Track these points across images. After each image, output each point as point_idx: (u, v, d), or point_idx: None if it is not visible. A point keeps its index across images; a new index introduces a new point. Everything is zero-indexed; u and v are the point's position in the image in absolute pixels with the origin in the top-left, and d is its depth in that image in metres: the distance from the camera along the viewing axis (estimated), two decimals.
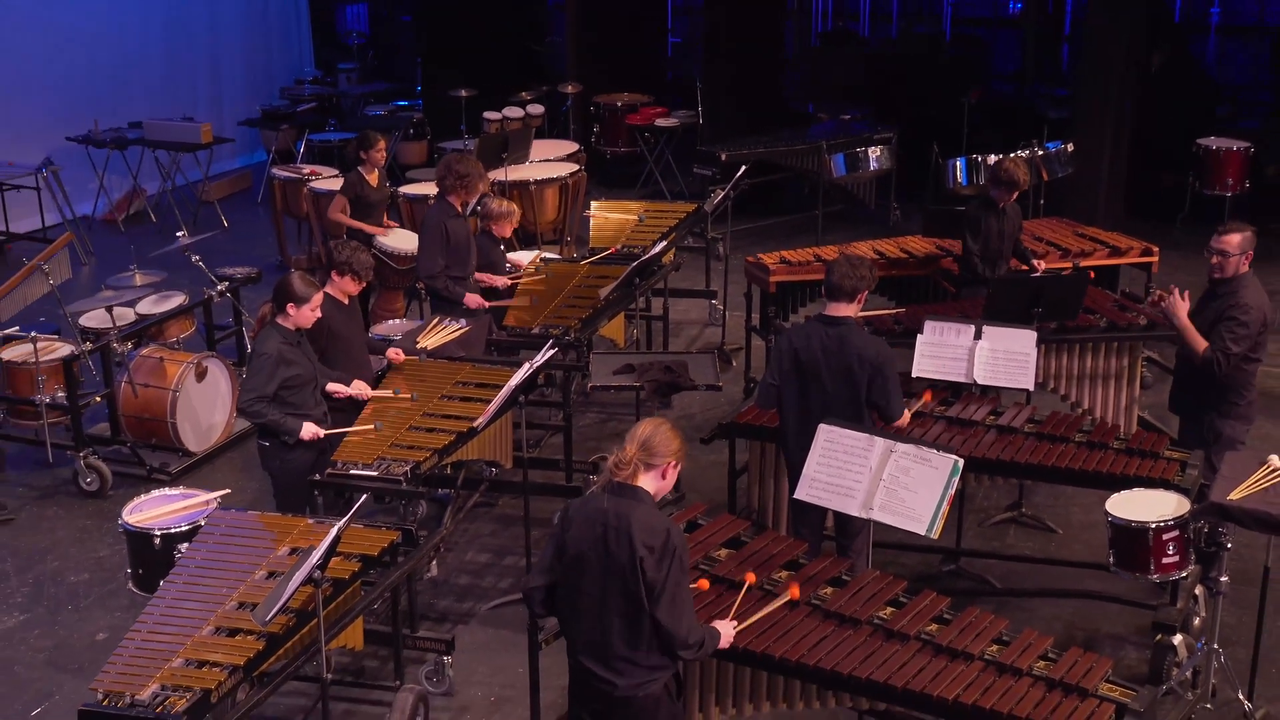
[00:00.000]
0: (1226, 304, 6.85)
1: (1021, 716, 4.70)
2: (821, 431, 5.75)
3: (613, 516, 4.56)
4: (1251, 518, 5.69)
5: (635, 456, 4.60)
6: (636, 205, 10.72)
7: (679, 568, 4.54)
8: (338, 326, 7.25)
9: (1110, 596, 6.96)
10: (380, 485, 6.45)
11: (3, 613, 7.28)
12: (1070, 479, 6.67)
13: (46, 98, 13.90)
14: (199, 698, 4.86)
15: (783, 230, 13.20)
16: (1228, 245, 6.90)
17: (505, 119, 14.32)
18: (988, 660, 5.00)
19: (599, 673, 4.65)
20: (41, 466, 8.76)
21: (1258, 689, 6.30)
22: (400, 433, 6.86)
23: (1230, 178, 12.79)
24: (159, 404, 8.60)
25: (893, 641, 5.13)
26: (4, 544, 7.96)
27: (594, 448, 8.94)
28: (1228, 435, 6.92)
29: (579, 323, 8.36)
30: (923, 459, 5.50)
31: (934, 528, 5.40)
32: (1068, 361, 8.16)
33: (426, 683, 6.50)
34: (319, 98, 16.14)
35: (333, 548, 5.09)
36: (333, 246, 7.30)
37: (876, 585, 5.50)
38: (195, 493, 6.44)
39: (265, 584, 5.52)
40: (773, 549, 5.76)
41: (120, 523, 6.22)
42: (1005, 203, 8.76)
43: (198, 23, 15.91)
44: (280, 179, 12.38)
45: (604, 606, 4.60)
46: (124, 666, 5.04)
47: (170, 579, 5.63)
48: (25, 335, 8.51)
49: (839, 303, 6.21)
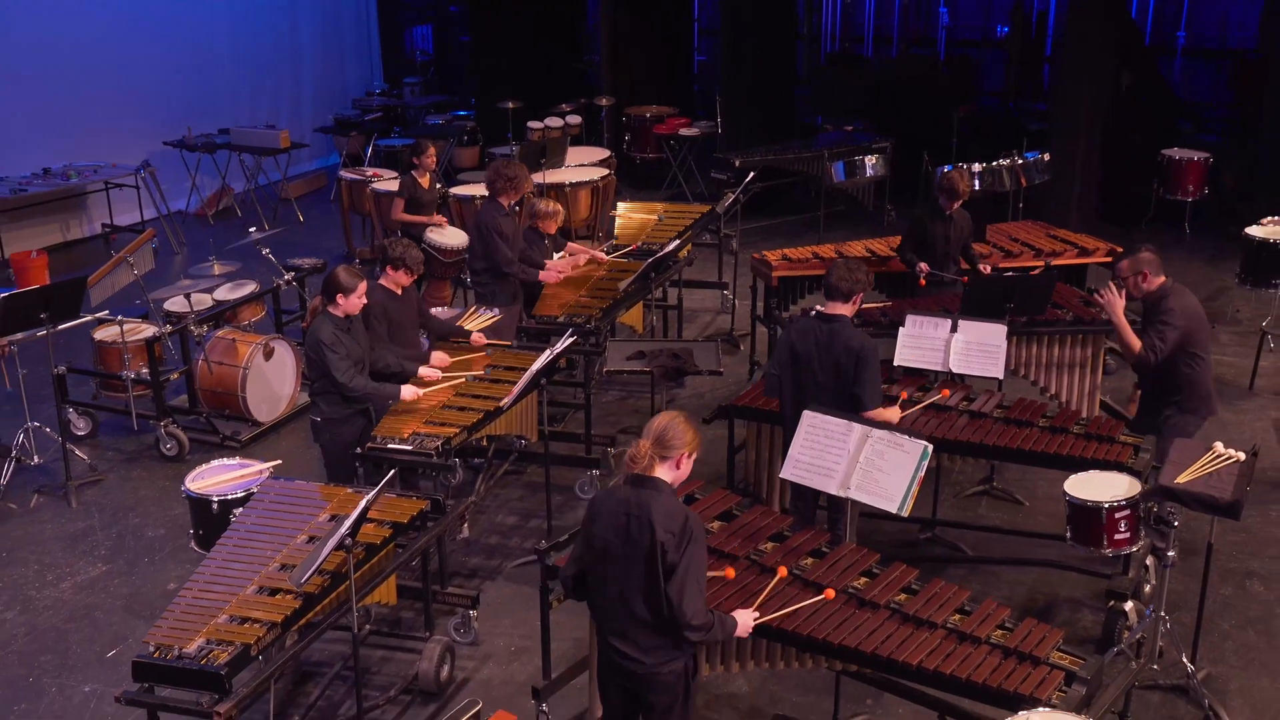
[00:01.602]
0: (1158, 311, 6.59)
1: (979, 682, 4.50)
2: (805, 417, 5.55)
3: (634, 506, 4.35)
4: (1195, 500, 5.45)
5: (650, 450, 4.39)
6: (658, 206, 10.52)
7: (695, 550, 4.31)
8: (392, 313, 7.12)
9: (1069, 565, 6.73)
10: (413, 458, 6.30)
11: (88, 562, 7.19)
12: (1034, 460, 6.44)
13: (146, 107, 13.81)
14: (239, 651, 4.73)
15: (789, 229, 12.95)
16: (1120, 270, 6.69)
17: (547, 128, 14.13)
18: (950, 629, 4.79)
19: (628, 651, 4.43)
20: (128, 434, 8.67)
21: (1201, 652, 6.07)
22: (434, 411, 6.70)
23: (1191, 185, 12.50)
24: (231, 380, 8.49)
25: (864, 610, 4.93)
26: (94, 501, 7.88)
27: (614, 422, 8.78)
28: (1179, 425, 6.65)
29: (600, 312, 8.17)
30: (896, 443, 5.29)
31: (905, 506, 5.20)
32: (1037, 351, 7.93)
33: (454, 633, 6.35)
34: (385, 108, 16.01)
35: (362, 517, 4.94)
36: (387, 244, 7.14)
37: (852, 557, 5.30)
38: (251, 463, 6.30)
39: (305, 548, 5.38)
40: (760, 522, 5.57)
41: (184, 489, 6.10)
42: (950, 209, 8.52)
43: (281, 42, 15.79)
44: (347, 180, 12.27)
45: (629, 591, 4.38)
46: (175, 621, 4.91)
47: (222, 541, 5.51)
48: (114, 318, 8.41)
49: (835, 302, 6.00)
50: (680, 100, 15.47)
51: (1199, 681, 5.81)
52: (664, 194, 14.12)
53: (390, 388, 6.60)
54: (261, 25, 15.43)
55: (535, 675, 5.80)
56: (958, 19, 17.77)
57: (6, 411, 8.43)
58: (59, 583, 6.99)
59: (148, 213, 13.16)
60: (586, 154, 12.90)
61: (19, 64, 12.41)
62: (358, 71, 17.23)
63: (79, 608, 6.75)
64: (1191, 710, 5.78)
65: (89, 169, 12.76)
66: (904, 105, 14.77)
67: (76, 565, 7.16)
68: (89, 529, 7.54)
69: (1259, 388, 9.25)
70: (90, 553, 7.29)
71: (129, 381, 8.40)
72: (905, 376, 7.22)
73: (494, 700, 5.92)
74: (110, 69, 13.35)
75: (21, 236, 12.54)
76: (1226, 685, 5.98)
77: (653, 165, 14.77)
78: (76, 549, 7.32)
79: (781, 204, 13.42)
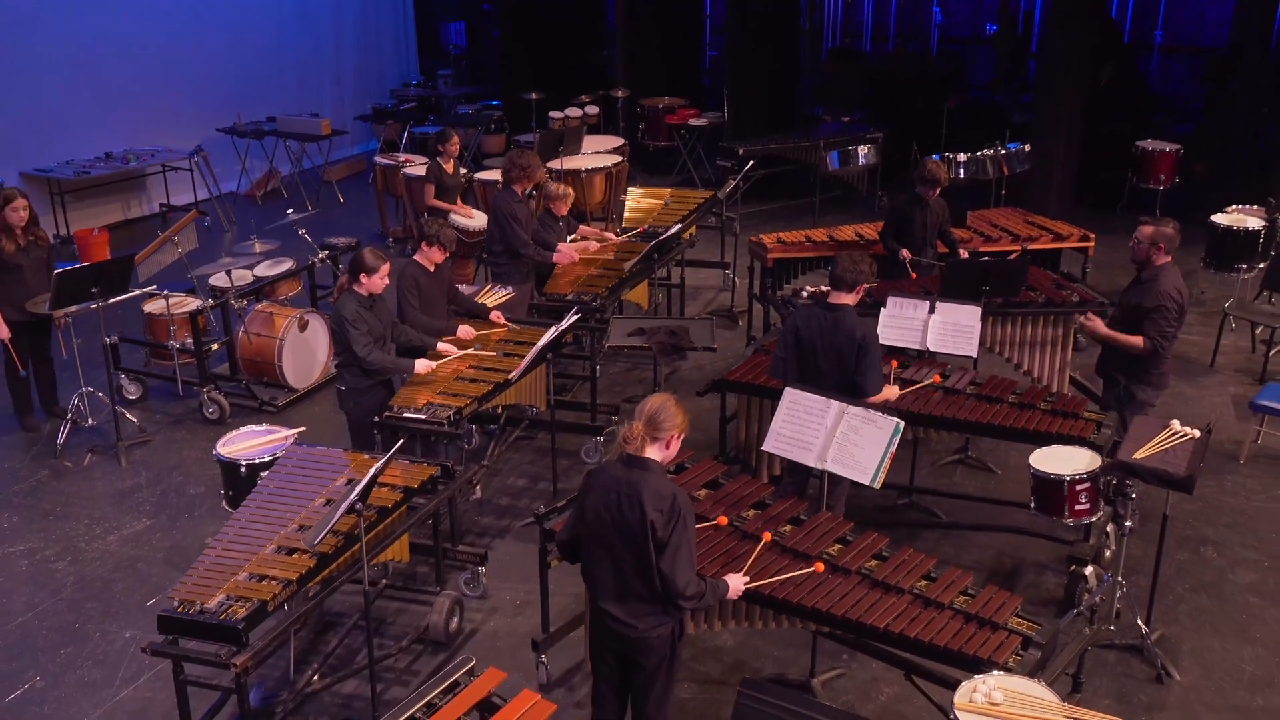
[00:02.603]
0: (1149, 292, 6.39)
1: (940, 645, 4.39)
2: (786, 394, 5.42)
3: (625, 485, 4.23)
4: (1151, 474, 5.31)
5: (642, 431, 4.27)
6: (665, 192, 10.35)
7: (683, 527, 4.19)
8: (425, 287, 7.05)
9: (1036, 532, 6.58)
10: (426, 427, 6.20)
11: (134, 517, 7.15)
12: (1003, 435, 6.31)
13: (200, 96, 13.68)
14: (256, 607, 4.65)
15: (788, 213, 12.75)
16: (1140, 234, 6.47)
17: (566, 117, 13.95)
18: (916, 594, 4.68)
19: (621, 617, 4.32)
20: (174, 398, 8.61)
21: (1156, 614, 5.95)
22: (449, 382, 6.60)
23: (1163, 174, 12.22)
24: (268, 350, 8.41)
25: (837, 575, 4.82)
26: (142, 460, 7.83)
27: (620, 392, 8.67)
28: (1141, 399, 6.49)
29: (606, 290, 8.04)
30: (870, 420, 5.15)
31: (877, 479, 5.07)
32: (1011, 330, 7.76)
33: (464, 588, 6.29)
34: (420, 98, 15.83)
35: (371, 483, 4.84)
36: (423, 223, 7.06)
37: (828, 525, 5.18)
38: (278, 429, 6.20)
39: (322, 510, 5.29)
40: (744, 491, 5.46)
41: (215, 453, 6.02)
42: (929, 197, 8.34)
43: (324, 36, 15.61)
44: (382, 165, 12.13)
45: (620, 561, 4.28)
46: (199, 578, 4.83)
47: (247, 503, 5.42)
48: (160, 293, 8.34)
49: (840, 292, 5.80)
50: (691, 92, 15.24)
51: (1152, 642, 5.68)
52: (674, 179, 13.94)
53: (405, 362, 6.50)
54: (307, 21, 15.26)
55: (538, 628, 5.72)
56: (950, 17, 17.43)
57: (64, 378, 8.37)
58: (106, 535, 6.95)
59: (200, 194, 13.08)
60: (602, 142, 12.72)
61: (84, 58, 12.32)
62: (395, 64, 17.05)
63: (124, 559, 6.71)
64: (1145, 669, 5.65)
65: (147, 153, 12.67)
66: (898, 98, 14.50)
67: (123, 520, 7.12)
68: (136, 486, 7.50)
69: (1219, 365, 9.06)
70: (136, 508, 7.24)
71: (174, 351, 8.34)
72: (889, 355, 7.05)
73: (499, 650, 5.87)
74: (167, 62, 13.24)
75: (86, 215, 12.48)
76: (1179, 645, 5.85)
77: (665, 152, 14.57)
78: (124, 504, 7.28)
79: (782, 189, 13.21)
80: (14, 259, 7.64)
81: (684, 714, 5.38)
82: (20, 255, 7.67)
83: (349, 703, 5.54)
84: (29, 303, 7.68)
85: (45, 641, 6.00)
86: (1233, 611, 6.12)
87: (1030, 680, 4.07)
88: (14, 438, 8.15)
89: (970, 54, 16.76)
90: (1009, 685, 4.02)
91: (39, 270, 7.76)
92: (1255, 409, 7.53)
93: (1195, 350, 9.29)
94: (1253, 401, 7.57)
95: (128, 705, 5.53)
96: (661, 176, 14.17)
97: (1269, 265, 9.13)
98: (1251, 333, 9.36)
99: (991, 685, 4.00)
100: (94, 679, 5.71)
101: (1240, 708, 5.42)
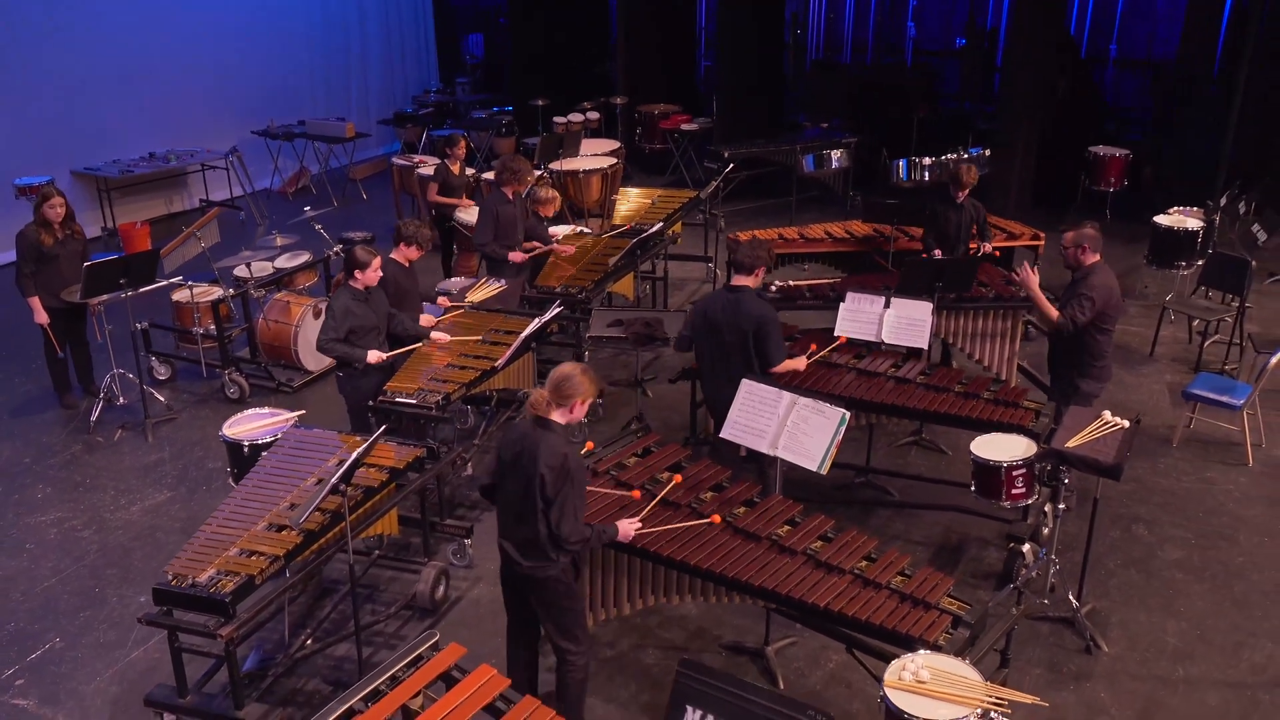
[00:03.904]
0: (1080, 284, 6.17)
1: (875, 623, 4.21)
2: (743, 385, 5.23)
3: (528, 441, 4.23)
4: (1081, 462, 5.11)
5: (549, 397, 4.23)
6: (654, 192, 10.13)
7: (570, 485, 4.18)
8: (401, 282, 6.82)
9: (981, 511, 6.36)
10: (416, 411, 6.03)
11: (156, 490, 7.00)
12: (949, 422, 6.08)
13: (236, 101, 13.49)
14: (244, 581, 4.49)
15: (769, 211, 12.50)
16: (1065, 239, 6.27)
17: (569, 122, 13.69)
18: (855, 574, 4.50)
19: (511, 554, 4.37)
20: (199, 379, 8.46)
21: (1088, 588, 5.78)
22: (438, 369, 6.42)
23: (1113, 177, 11.93)
24: (285, 335, 8.25)
25: (784, 555, 4.64)
26: (168, 436, 7.68)
27: (606, 375, 8.48)
28: (1085, 391, 6.27)
29: (592, 284, 7.84)
30: (818, 410, 4.96)
31: (824, 465, 4.88)
32: (964, 322, 7.53)
33: (452, 558, 6.13)
34: (438, 104, 15.58)
35: (354, 466, 4.67)
36: (401, 224, 6.83)
37: (779, 507, 4.99)
38: (280, 412, 6.03)
39: (312, 489, 5.13)
40: (703, 474, 5.26)
41: (221, 434, 5.86)
42: (960, 198, 8.15)
43: (351, 46, 15.37)
44: (398, 165, 11.92)
45: (518, 505, 4.29)
46: (193, 553, 4.68)
47: (244, 481, 5.26)
48: (185, 283, 8.18)
49: (740, 275, 5.71)
50: (686, 99, 14.98)
51: (1083, 615, 5.50)
52: (667, 179, 13.70)
53: (357, 352, 6.15)
54: (335, 33, 15.01)
55: None
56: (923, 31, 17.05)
57: (98, 361, 8.23)
58: (130, 506, 6.82)
59: (235, 190, 12.90)
60: (599, 145, 12.46)
61: (129, 66, 12.14)
62: (417, 72, 16.79)
63: (144, 529, 6.57)
64: (1075, 640, 5.48)
65: (187, 153, 12.49)
66: (873, 106, 14.20)
67: (146, 492, 6.98)
68: (160, 460, 7.35)
69: (1158, 354, 8.82)
70: (159, 481, 7.10)
71: (198, 336, 8.18)
72: (805, 336, 6.83)
73: (481, 616, 5.71)
74: (206, 69, 13.04)
75: (132, 209, 12.31)
76: (1108, 618, 5.66)
77: (660, 154, 14.31)
78: (148, 477, 7.14)
79: (766, 189, 12.95)
80: (52, 251, 7.49)
81: (647, 678, 5.22)
82: (58, 247, 7.52)
83: (340, 665, 5.39)
84: (64, 291, 7.54)
85: (67, 605, 5.87)
86: (1160, 586, 5.93)
87: (957, 659, 3.88)
88: (54, 414, 8.01)
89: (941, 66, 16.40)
90: (936, 664, 3.84)
91: (74, 261, 7.60)
92: (1188, 397, 7.30)
93: (1136, 340, 9.06)
94: (1185, 390, 7.34)
95: (137, 665, 5.40)
96: (657, 176, 13.93)
97: (1206, 263, 8.88)
98: (1188, 325, 9.12)
99: (920, 664, 3.82)
100: (108, 640, 5.57)
101: (1162, 678, 5.24)
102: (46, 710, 5.11)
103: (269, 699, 5.07)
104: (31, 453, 7.46)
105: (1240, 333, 8.51)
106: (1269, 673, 5.26)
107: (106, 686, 5.25)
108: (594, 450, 5.50)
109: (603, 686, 5.16)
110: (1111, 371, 6.37)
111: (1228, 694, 5.12)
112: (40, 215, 7.44)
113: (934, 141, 12.69)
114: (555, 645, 4.53)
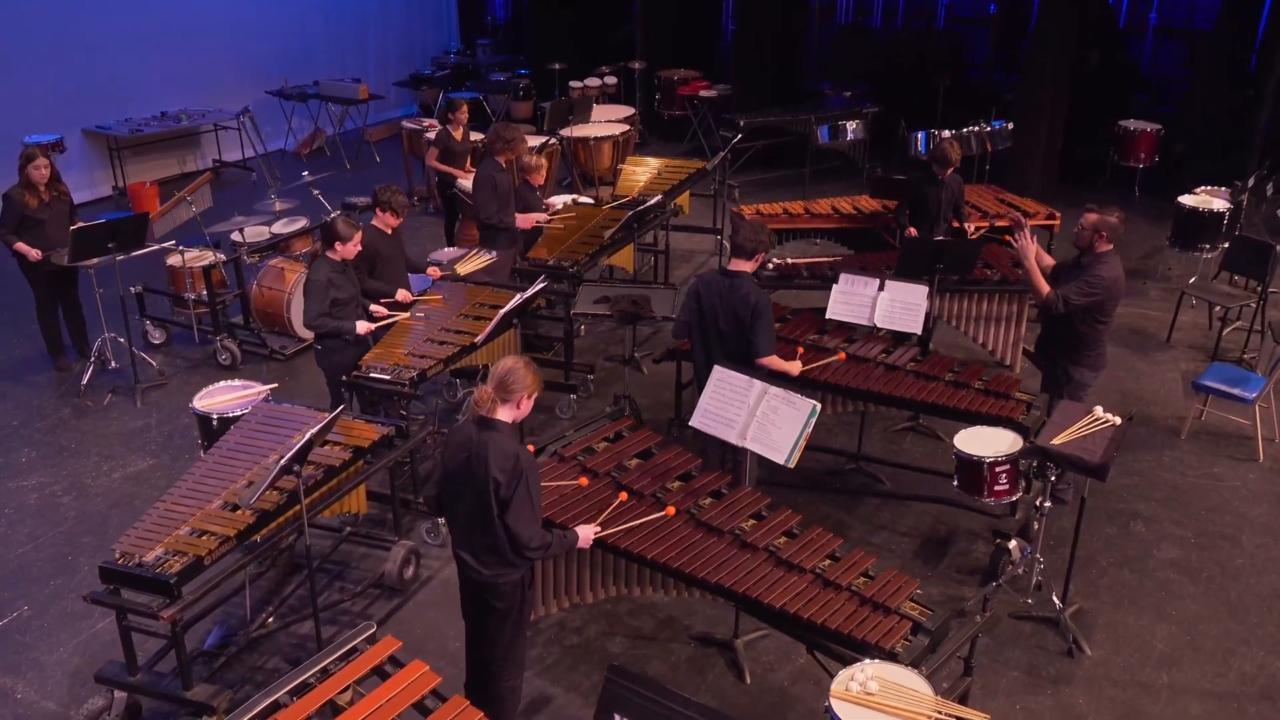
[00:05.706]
0: (1086, 270, 5.88)
1: (831, 627, 4.04)
2: (715, 372, 5.03)
3: (476, 445, 3.99)
4: (1065, 460, 4.89)
5: (492, 394, 4.00)
6: (657, 162, 9.85)
7: (524, 487, 3.95)
8: (383, 250, 6.68)
9: (968, 505, 6.14)
10: (390, 387, 5.90)
11: (140, 456, 6.95)
12: (937, 412, 5.87)
13: (253, 60, 13.36)
14: (191, 562, 4.38)
15: (784, 181, 12.21)
16: (1085, 220, 5.93)
17: (585, 87, 13.44)
18: (817, 574, 4.32)
19: (471, 563, 4.14)
20: (193, 345, 8.40)
21: (1078, 587, 5.58)
22: (417, 344, 6.28)
23: (1143, 153, 11.54)
24: (278, 302, 8.15)
25: (745, 551, 4.47)
26: (157, 401, 7.63)
27: (601, 350, 8.32)
28: (1077, 380, 6.01)
29: (586, 257, 7.64)
30: (788, 401, 4.75)
31: (791, 458, 4.68)
32: (967, 305, 7.31)
33: (426, 537, 6.03)
34: (456, 66, 15.35)
35: (307, 447, 4.54)
36: (378, 190, 6.67)
37: (747, 499, 4.81)
38: (253, 384, 5.92)
39: (271, 467, 5.01)
40: (673, 462, 5.09)
41: (191, 406, 5.76)
42: (943, 176, 7.84)
43: (370, 6, 15.16)
44: (408, 129, 11.75)
45: (471, 513, 4.07)
46: (144, 531, 4.57)
47: (204, 458, 5.16)
48: (176, 248, 8.09)
49: (738, 259, 5.44)
50: (706, 65, 14.64)
51: (1067, 616, 5.29)
52: (685, 146, 13.44)
53: (348, 324, 6.07)
54: None
55: None
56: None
57: (92, 325, 8.18)
58: (112, 473, 6.77)
59: (248, 151, 12.81)
60: (613, 111, 12.22)
61: (143, 24, 12.03)
62: (437, 34, 16.55)
63: (123, 496, 6.53)
64: (1058, 642, 5.27)
65: (199, 113, 12.39)
66: (898, 75, 13.78)
67: (129, 458, 6.93)
68: (145, 426, 7.30)
69: (1175, 340, 8.49)
70: (143, 448, 7.05)
71: (190, 301, 8.10)
72: (795, 317, 6.61)
73: (450, 598, 5.58)
74: (220, 28, 12.90)
75: (144, 169, 12.27)
76: (1095, 619, 5.44)
77: (678, 121, 14.03)
78: (132, 444, 7.09)
79: (785, 159, 12.64)
80: (37, 213, 7.42)
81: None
82: (43, 210, 7.44)
83: (303, 644, 5.31)
84: (51, 254, 7.47)
85: (39, 572, 5.84)
86: (1152, 587, 5.69)
87: (908, 670, 3.70)
88: (47, 377, 7.99)
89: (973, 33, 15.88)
90: (886, 674, 3.66)
91: (61, 223, 7.52)
92: (1198, 389, 7.01)
93: (1154, 325, 8.73)
94: (1195, 381, 7.04)
95: (102, 637, 5.35)
96: (675, 143, 13.68)
97: (1230, 246, 8.51)
98: (1209, 311, 8.77)
99: (869, 674, 3.64)
100: (76, 610, 5.53)
101: (1145, 684, 5.02)
102: (7, 680, 5.08)
103: (226, 676, 5.00)
104: (21, 415, 7.44)
105: (1262, 320, 8.16)
106: (1258, 683, 5.03)
107: (69, 658, 5.21)
108: (564, 435, 5.35)
109: (566, 674, 5.04)
110: (1105, 360, 6.10)
111: (1212, 704, 4.91)
112: (25, 177, 7.36)
113: (958, 112, 12.30)
114: (493, 670, 4.33)
